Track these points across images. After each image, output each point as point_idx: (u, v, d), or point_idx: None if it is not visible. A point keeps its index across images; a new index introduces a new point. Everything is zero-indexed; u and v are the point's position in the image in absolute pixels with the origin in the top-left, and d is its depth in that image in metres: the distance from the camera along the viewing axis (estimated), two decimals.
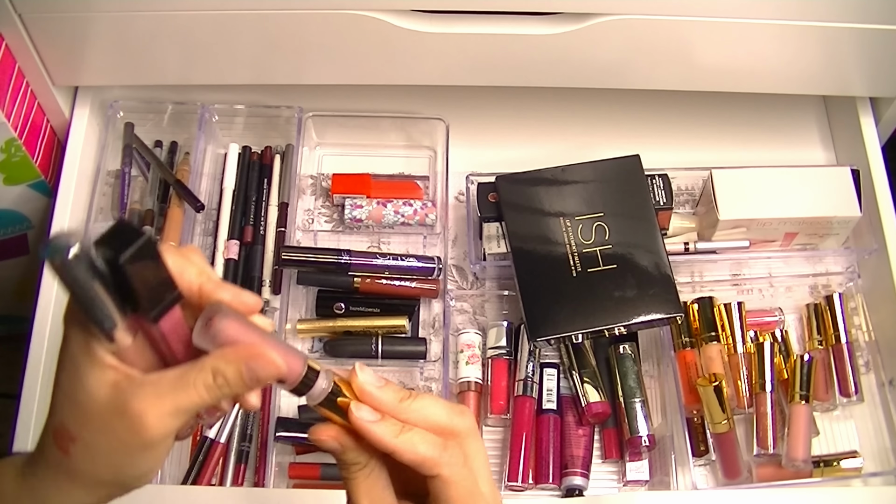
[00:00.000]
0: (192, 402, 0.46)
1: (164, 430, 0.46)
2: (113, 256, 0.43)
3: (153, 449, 0.47)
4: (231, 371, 0.46)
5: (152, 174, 0.97)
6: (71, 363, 0.46)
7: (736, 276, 0.95)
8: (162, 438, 0.46)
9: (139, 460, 0.47)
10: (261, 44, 0.88)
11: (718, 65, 0.91)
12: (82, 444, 0.46)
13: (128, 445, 0.46)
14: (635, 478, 0.87)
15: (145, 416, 0.45)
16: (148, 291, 0.45)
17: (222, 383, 0.46)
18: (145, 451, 0.46)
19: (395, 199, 0.97)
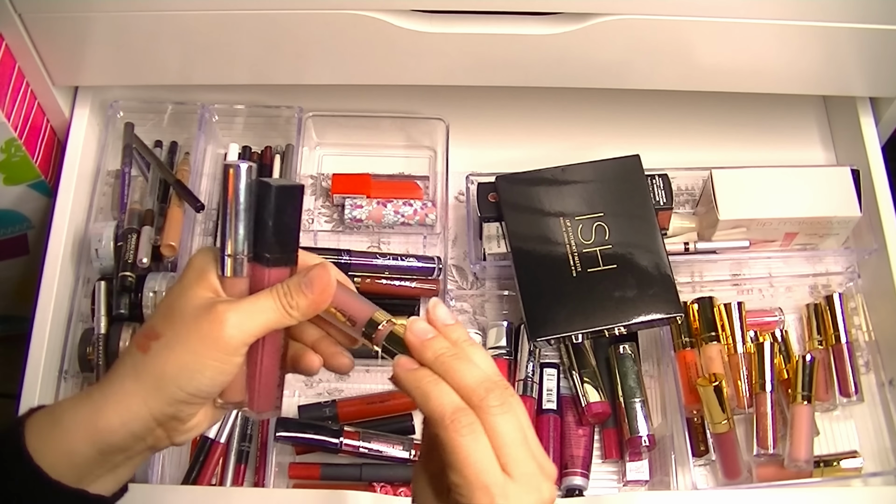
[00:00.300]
0: (265, 306, 0.53)
1: (238, 331, 0.51)
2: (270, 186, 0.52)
3: (223, 355, 0.51)
4: (294, 283, 0.53)
5: (152, 174, 0.97)
6: (181, 283, 0.54)
7: (736, 276, 0.95)
8: (235, 344, 0.51)
9: (207, 366, 0.51)
10: (261, 44, 0.88)
11: (718, 65, 0.91)
12: (164, 340, 0.52)
13: (204, 344, 0.51)
14: (635, 478, 0.87)
15: (226, 314, 0.51)
16: (278, 234, 0.53)
17: (287, 292, 0.53)
18: (216, 355, 0.51)
19: (395, 199, 0.97)
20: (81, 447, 0.52)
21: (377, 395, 0.90)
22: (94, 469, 0.53)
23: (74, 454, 0.52)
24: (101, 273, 0.92)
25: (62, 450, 0.52)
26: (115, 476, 0.55)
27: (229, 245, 0.53)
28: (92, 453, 0.52)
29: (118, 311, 0.89)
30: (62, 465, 0.52)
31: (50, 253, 0.90)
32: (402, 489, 0.84)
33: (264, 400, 0.57)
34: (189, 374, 0.51)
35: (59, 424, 0.53)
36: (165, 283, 0.90)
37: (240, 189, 0.52)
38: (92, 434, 0.52)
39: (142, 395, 0.52)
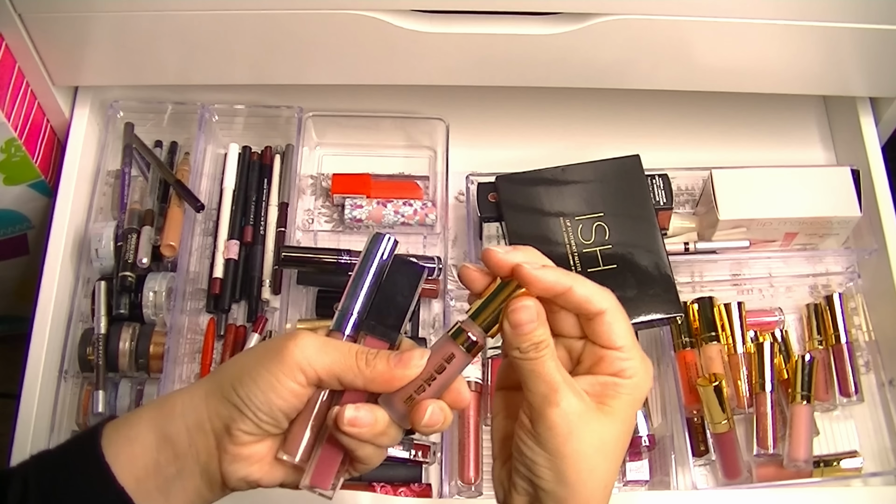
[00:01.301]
0: (343, 351, 0.52)
1: (302, 355, 0.51)
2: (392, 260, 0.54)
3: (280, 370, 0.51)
4: (384, 352, 0.53)
5: (152, 174, 0.97)
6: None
7: (736, 276, 0.95)
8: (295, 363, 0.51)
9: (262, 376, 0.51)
10: (261, 44, 0.88)
11: (718, 65, 0.91)
12: (243, 351, 0.55)
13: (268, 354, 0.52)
14: (635, 478, 0.87)
15: (303, 338, 0.52)
16: (384, 303, 0.54)
17: (370, 353, 0.53)
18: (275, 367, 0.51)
19: (395, 199, 0.97)
20: (144, 432, 0.53)
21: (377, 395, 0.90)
22: (148, 471, 0.52)
23: (135, 441, 0.53)
24: (101, 273, 0.92)
25: (128, 436, 0.53)
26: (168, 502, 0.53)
27: (347, 302, 0.55)
28: (150, 441, 0.52)
29: (118, 311, 0.89)
30: (123, 457, 0.52)
31: (50, 253, 0.89)
32: (402, 489, 0.84)
33: (321, 471, 0.54)
34: (244, 377, 0.52)
35: (136, 413, 0.54)
36: (165, 283, 0.90)
37: (375, 256, 0.55)
38: (155, 418, 0.53)
39: (206, 388, 0.53)
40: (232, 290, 0.93)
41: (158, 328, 0.89)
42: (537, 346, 0.52)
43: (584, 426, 0.51)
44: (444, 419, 0.53)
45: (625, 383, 0.54)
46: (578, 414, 0.51)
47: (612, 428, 0.53)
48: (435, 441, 0.87)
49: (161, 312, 0.89)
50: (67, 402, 0.87)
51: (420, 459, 0.85)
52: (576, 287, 0.53)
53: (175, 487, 0.53)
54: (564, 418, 0.51)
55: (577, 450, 0.51)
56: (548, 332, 0.53)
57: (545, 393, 0.51)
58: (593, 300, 0.54)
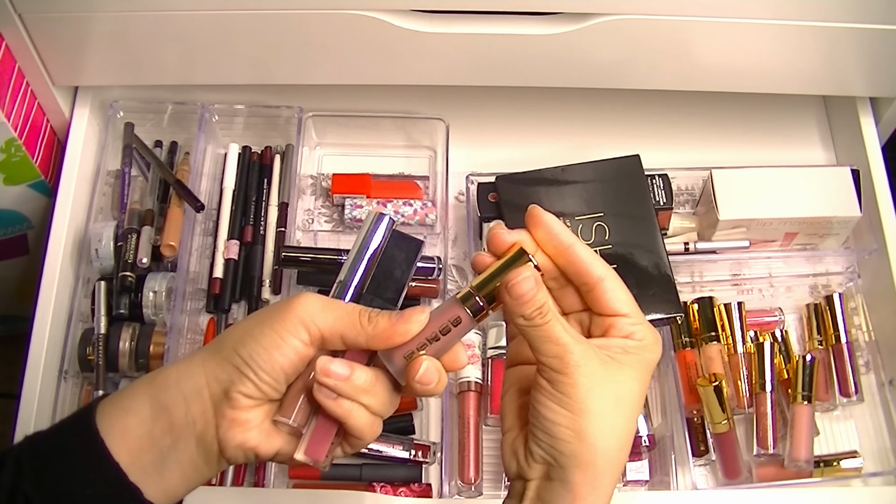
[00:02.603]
0: (345, 310, 0.53)
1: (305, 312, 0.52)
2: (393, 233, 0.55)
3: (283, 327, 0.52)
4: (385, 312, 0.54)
5: (152, 174, 0.97)
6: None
7: (736, 276, 0.95)
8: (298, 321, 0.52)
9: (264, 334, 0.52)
10: (261, 44, 0.88)
11: (718, 65, 0.91)
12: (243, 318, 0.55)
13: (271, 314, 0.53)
14: (635, 478, 0.87)
15: (305, 297, 0.53)
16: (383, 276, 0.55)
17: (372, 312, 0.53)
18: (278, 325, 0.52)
19: (395, 199, 0.97)
20: (137, 404, 0.53)
21: None
22: (143, 444, 0.52)
23: (129, 412, 0.52)
24: (101, 273, 0.92)
25: (122, 408, 0.53)
26: (163, 481, 0.53)
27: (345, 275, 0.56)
28: (146, 413, 0.52)
29: (118, 311, 0.89)
30: (117, 429, 0.52)
31: (50, 253, 0.90)
32: (402, 489, 0.84)
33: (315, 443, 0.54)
34: (246, 339, 0.52)
35: (129, 387, 0.54)
36: (165, 283, 0.90)
37: (374, 234, 0.56)
38: (149, 388, 0.53)
39: (203, 356, 0.53)
40: (232, 290, 0.93)
41: (158, 328, 0.89)
42: (541, 311, 0.53)
43: (603, 381, 0.53)
44: (437, 379, 0.53)
45: (636, 345, 0.55)
46: (596, 368, 0.52)
47: (628, 384, 0.54)
48: (435, 441, 0.87)
49: (161, 312, 0.89)
50: (67, 402, 0.87)
51: (420, 459, 0.85)
52: (577, 247, 0.55)
53: (170, 460, 0.53)
54: (585, 374, 0.52)
55: (598, 405, 0.52)
56: (549, 297, 0.54)
57: (560, 354, 0.52)
58: (594, 265, 0.56)
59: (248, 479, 0.87)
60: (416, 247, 0.55)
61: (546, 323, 0.53)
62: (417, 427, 0.89)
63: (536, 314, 0.53)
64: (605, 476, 0.52)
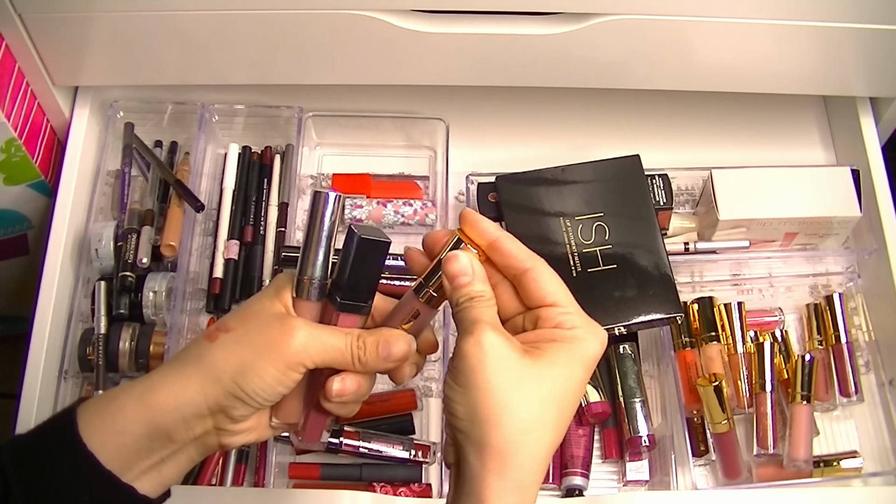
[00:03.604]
0: (337, 344, 0.54)
1: (303, 350, 0.53)
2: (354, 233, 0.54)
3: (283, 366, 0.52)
4: (371, 339, 0.55)
5: (152, 174, 0.97)
6: (260, 293, 0.56)
7: (736, 276, 0.95)
8: (296, 360, 0.53)
9: (266, 371, 0.52)
10: (261, 44, 0.88)
11: (718, 65, 0.91)
12: (233, 335, 0.54)
13: (268, 348, 0.53)
14: (635, 478, 0.87)
15: (297, 330, 0.53)
16: (354, 281, 0.55)
17: (361, 345, 0.55)
18: (277, 363, 0.52)
19: (395, 199, 0.97)
20: (132, 425, 0.52)
21: (377, 395, 0.90)
22: (140, 455, 0.53)
23: (124, 433, 0.52)
24: (101, 273, 0.92)
25: (113, 428, 0.52)
26: (159, 476, 0.55)
27: (308, 269, 0.55)
28: (141, 433, 0.52)
29: (118, 311, 0.89)
30: (111, 446, 0.52)
31: (50, 253, 0.90)
32: (402, 489, 0.84)
33: (312, 431, 0.59)
34: (247, 373, 0.53)
35: (113, 402, 0.54)
36: (165, 283, 0.90)
37: (325, 217, 0.55)
38: (144, 412, 0.53)
39: (200, 381, 0.53)
40: (232, 290, 0.93)
41: (158, 328, 0.89)
42: (472, 298, 0.54)
43: (501, 360, 0.51)
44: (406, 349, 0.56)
45: (563, 334, 0.53)
46: (494, 346, 0.51)
47: (539, 371, 0.51)
48: (435, 441, 0.87)
49: (161, 312, 0.89)
50: (67, 402, 0.85)
51: (420, 459, 0.85)
52: (504, 239, 0.56)
53: (167, 463, 0.54)
54: (477, 347, 0.51)
55: (489, 382, 0.50)
56: (489, 290, 0.55)
57: (465, 327, 0.53)
58: (521, 255, 0.56)
59: (249, 479, 0.87)
60: (383, 247, 0.55)
61: (473, 306, 0.54)
62: (417, 427, 0.89)
63: (465, 300, 0.54)
64: (517, 470, 0.50)
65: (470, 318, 0.53)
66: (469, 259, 0.55)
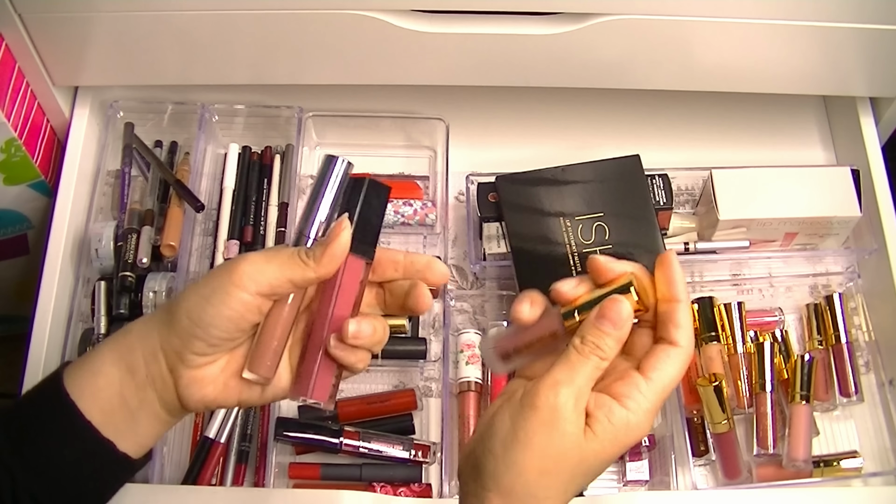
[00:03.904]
0: (285, 256, 0.54)
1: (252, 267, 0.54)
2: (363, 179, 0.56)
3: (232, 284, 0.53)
4: (318, 248, 0.55)
5: (152, 174, 0.97)
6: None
7: (736, 276, 0.95)
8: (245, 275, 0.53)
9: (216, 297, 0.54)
10: (261, 44, 0.88)
11: (719, 65, 0.91)
12: (193, 283, 0.55)
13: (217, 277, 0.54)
14: (635, 478, 0.87)
15: (245, 255, 0.55)
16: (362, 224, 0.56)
17: (307, 259, 0.54)
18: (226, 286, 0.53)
19: (394, 199, 0.97)
20: (106, 365, 0.56)
21: (377, 395, 0.90)
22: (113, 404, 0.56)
23: (99, 374, 0.56)
24: (101, 273, 0.92)
25: (89, 369, 0.56)
26: (136, 436, 0.57)
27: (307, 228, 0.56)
28: (114, 373, 0.55)
29: (118, 311, 0.89)
30: (88, 392, 0.55)
31: (50, 253, 0.90)
32: (402, 489, 0.84)
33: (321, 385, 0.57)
34: (201, 303, 0.54)
35: (93, 351, 0.57)
36: (165, 283, 0.90)
37: (332, 179, 0.56)
38: (114, 349, 0.56)
39: (158, 318, 0.56)
40: None
41: None
42: (598, 351, 0.53)
43: (558, 432, 0.51)
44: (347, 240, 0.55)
45: (619, 412, 0.53)
46: (563, 419, 0.51)
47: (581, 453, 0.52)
48: (435, 441, 0.87)
49: None
50: None
51: (420, 459, 0.85)
52: (683, 306, 0.55)
53: (139, 416, 0.57)
54: (551, 410, 0.51)
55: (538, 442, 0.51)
56: (614, 353, 0.53)
57: (557, 379, 0.52)
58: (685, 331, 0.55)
59: (249, 479, 0.87)
60: (385, 191, 0.57)
61: (586, 358, 0.53)
62: (417, 427, 0.89)
63: (593, 346, 0.53)
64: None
65: (568, 368, 0.53)
66: (629, 314, 0.53)
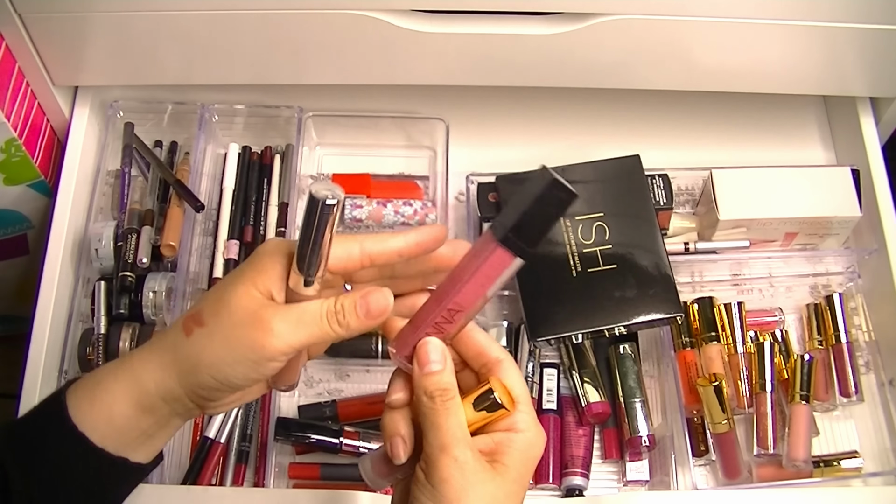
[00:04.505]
0: (314, 321, 0.53)
1: (283, 345, 0.52)
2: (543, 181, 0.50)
3: (261, 360, 0.52)
4: (348, 301, 0.53)
5: (152, 174, 0.97)
6: (238, 274, 0.54)
7: (736, 276, 0.95)
8: (275, 353, 0.52)
9: (241, 365, 0.52)
10: (261, 44, 0.88)
11: (719, 65, 0.91)
12: (207, 330, 0.53)
13: (243, 345, 0.52)
14: (635, 478, 0.87)
15: (273, 322, 0.52)
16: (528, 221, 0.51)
17: (339, 310, 0.53)
18: (254, 358, 0.52)
19: (395, 199, 0.97)
20: (122, 408, 0.55)
21: (377, 395, 0.90)
22: (130, 432, 0.56)
23: (115, 416, 0.55)
24: (101, 273, 0.92)
25: (104, 412, 0.55)
26: (150, 445, 0.58)
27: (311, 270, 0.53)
28: (129, 414, 0.55)
29: (118, 311, 0.89)
30: (103, 428, 0.55)
31: (50, 253, 0.90)
32: None
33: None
34: (223, 368, 0.53)
35: (100, 386, 0.56)
36: (165, 283, 0.90)
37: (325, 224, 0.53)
38: (130, 396, 0.55)
39: (176, 374, 0.54)
40: None
41: (158, 328, 0.89)
42: (443, 394, 0.53)
43: (479, 484, 0.51)
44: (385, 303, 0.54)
45: (517, 437, 0.54)
46: (473, 470, 0.51)
47: (505, 487, 0.52)
48: None
49: (161, 312, 0.89)
50: None
51: None
52: (476, 330, 0.56)
53: (157, 435, 0.57)
54: (459, 471, 0.51)
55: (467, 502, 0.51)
56: (454, 384, 0.53)
57: (442, 444, 0.52)
58: (492, 347, 0.56)
59: (249, 479, 0.87)
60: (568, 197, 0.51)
61: (442, 409, 0.52)
62: None
63: (438, 395, 0.53)
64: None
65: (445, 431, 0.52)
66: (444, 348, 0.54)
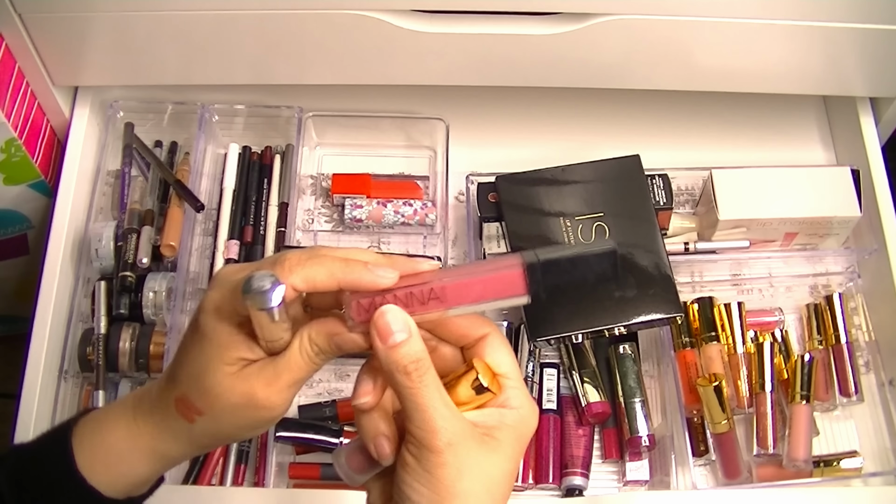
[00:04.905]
0: (302, 371, 0.51)
1: (284, 402, 0.51)
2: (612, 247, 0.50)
3: (269, 421, 0.52)
4: (321, 339, 0.51)
5: (152, 174, 0.97)
6: (202, 350, 0.51)
7: (736, 276, 0.95)
8: (283, 408, 0.52)
9: (261, 426, 0.53)
10: (261, 44, 0.88)
11: (718, 65, 0.91)
12: (209, 417, 0.51)
13: (252, 420, 0.52)
14: (635, 478, 0.87)
15: (269, 398, 0.50)
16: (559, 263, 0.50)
17: (318, 350, 0.51)
18: (267, 420, 0.52)
19: (395, 199, 0.97)
20: (141, 469, 0.55)
21: None
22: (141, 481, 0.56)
23: (126, 473, 0.54)
24: (101, 273, 0.92)
25: (121, 472, 0.54)
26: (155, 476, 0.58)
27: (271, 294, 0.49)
28: (141, 471, 0.55)
29: (118, 311, 0.89)
30: (119, 485, 0.54)
31: (50, 253, 0.90)
32: None
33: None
34: (235, 436, 0.54)
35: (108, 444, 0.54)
36: (165, 283, 0.90)
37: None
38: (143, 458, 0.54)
39: (187, 443, 0.54)
40: None
41: (158, 328, 0.89)
42: (417, 367, 0.48)
43: (475, 463, 0.48)
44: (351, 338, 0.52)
45: (510, 413, 0.50)
46: (470, 449, 0.48)
47: (500, 465, 0.49)
48: None
49: (161, 312, 0.89)
50: (67, 402, 0.87)
51: None
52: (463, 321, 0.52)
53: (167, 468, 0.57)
54: (457, 454, 0.47)
55: (468, 489, 0.47)
56: (426, 352, 0.49)
57: (431, 426, 0.47)
58: (474, 326, 0.52)
59: (249, 479, 0.87)
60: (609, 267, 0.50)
61: (420, 387, 0.47)
62: None
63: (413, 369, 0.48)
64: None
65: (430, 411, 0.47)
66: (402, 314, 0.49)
